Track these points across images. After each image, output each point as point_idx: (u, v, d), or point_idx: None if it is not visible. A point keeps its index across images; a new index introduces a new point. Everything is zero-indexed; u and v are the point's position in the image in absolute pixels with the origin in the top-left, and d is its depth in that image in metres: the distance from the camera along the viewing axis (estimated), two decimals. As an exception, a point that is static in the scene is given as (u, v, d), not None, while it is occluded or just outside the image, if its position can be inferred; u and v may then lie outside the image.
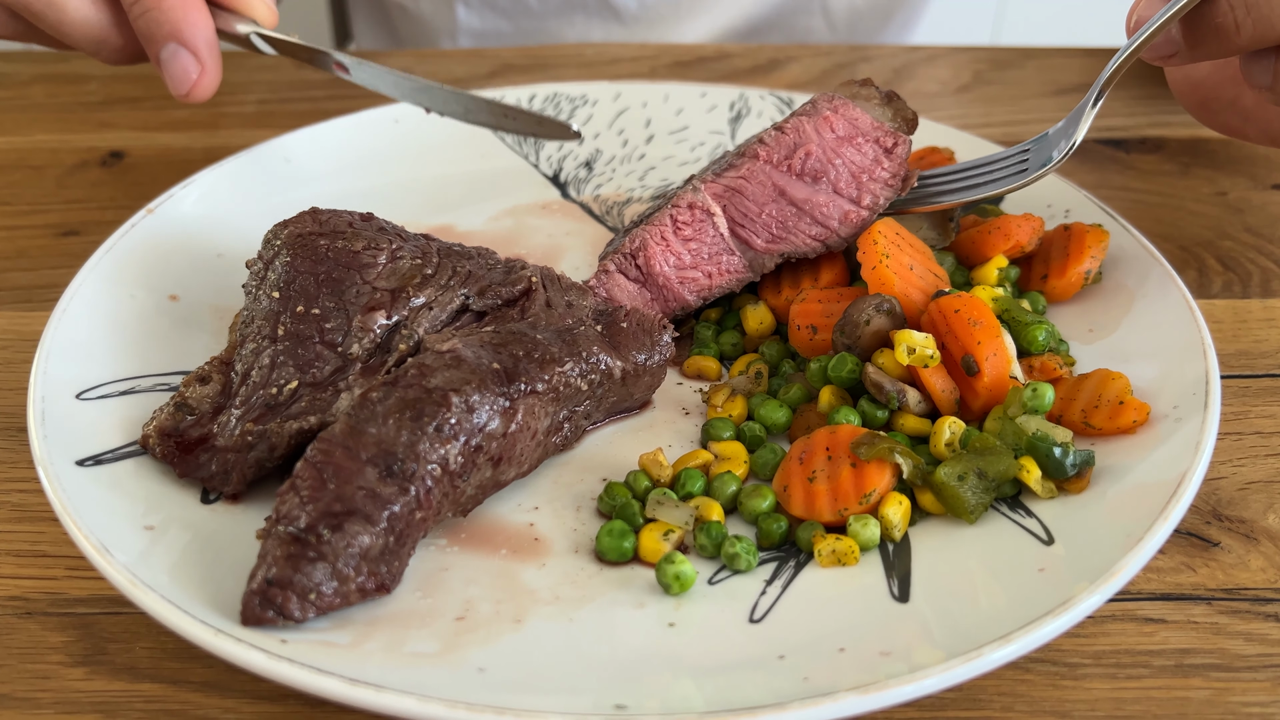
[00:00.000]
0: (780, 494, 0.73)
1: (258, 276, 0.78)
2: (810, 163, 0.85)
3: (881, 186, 0.85)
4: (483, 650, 0.63)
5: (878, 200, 0.85)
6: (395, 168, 1.05)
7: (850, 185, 0.85)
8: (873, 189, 0.85)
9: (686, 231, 0.86)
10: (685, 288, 0.86)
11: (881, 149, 0.86)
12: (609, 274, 0.86)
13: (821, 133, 0.85)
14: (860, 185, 0.85)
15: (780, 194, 0.85)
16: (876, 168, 0.85)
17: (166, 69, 0.88)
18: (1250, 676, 0.66)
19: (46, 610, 0.70)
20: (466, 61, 1.32)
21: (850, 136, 0.86)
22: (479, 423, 0.67)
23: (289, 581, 0.61)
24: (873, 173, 0.85)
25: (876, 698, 0.57)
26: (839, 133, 0.85)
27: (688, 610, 0.66)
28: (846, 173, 0.85)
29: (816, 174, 0.85)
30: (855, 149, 0.85)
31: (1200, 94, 0.96)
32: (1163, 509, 0.66)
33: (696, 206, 0.86)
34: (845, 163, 0.85)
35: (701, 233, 0.86)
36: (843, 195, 0.85)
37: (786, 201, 0.85)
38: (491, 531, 0.72)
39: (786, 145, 0.86)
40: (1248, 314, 0.93)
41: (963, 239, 0.88)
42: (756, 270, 0.87)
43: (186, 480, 0.72)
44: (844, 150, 0.85)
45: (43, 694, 0.65)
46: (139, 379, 0.79)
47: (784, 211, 0.85)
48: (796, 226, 0.85)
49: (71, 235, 1.04)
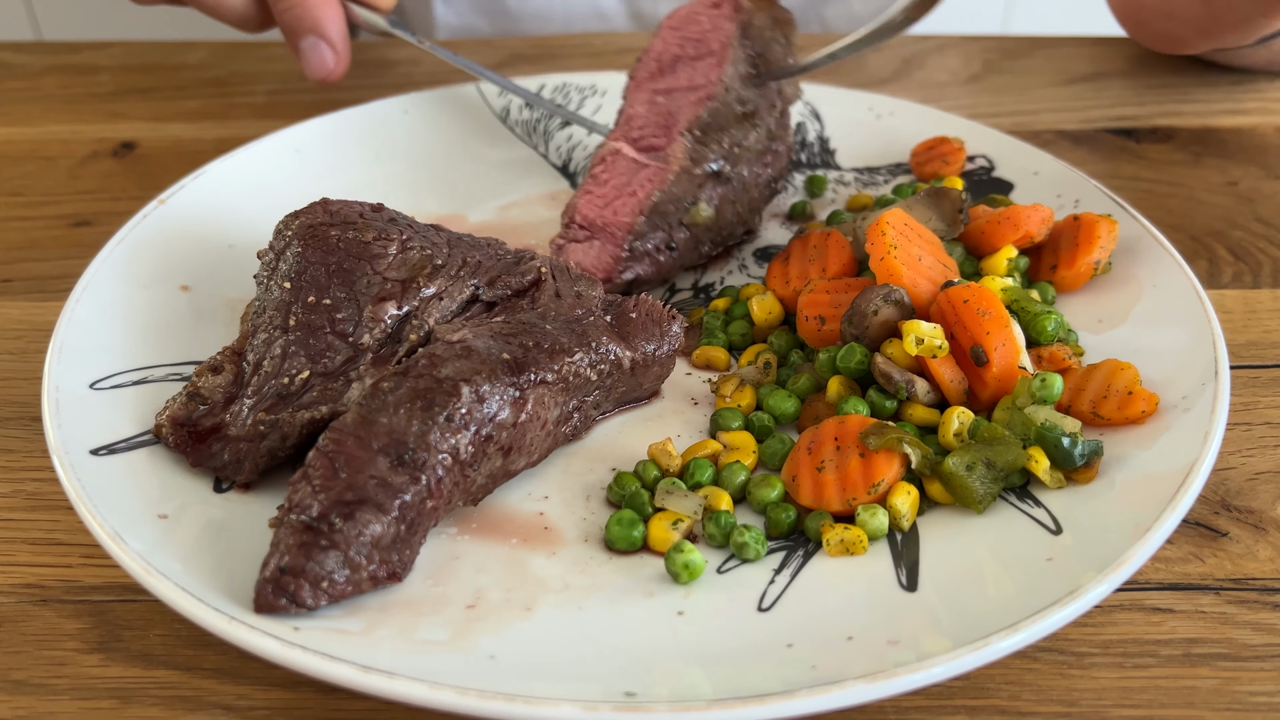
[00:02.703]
0: (789, 483, 0.73)
1: (269, 267, 0.79)
2: (664, 59, 0.95)
3: (719, 26, 0.95)
4: (493, 638, 0.63)
5: (722, 36, 0.94)
6: (405, 158, 1.05)
7: (699, 48, 0.95)
8: (715, 34, 0.94)
9: (603, 175, 0.91)
10: (619, 214, 0.89)
11: (710, 7, 0.96)
12: (562, 248, 0.89)
13: (664, 36, 0.96)
14: (705, 41, 0.95)
15: (654, 95, 0.94)
16: (714, 21, 0.95)
17: (306, 58, 1.02)
18: (1258, 666, 0.66)
19: (62, 598, 0.70)
20: (478, 52, 1.32)
21: (684, 22, 0.96)
22: (489, 412, 0.68)
23: (301, 569, 0.62)
24: (708, 26, 0.95)
25: (884, 686, 0.58)
26: (675, 25, 0.97)
27: (697, 599, 0.67)
28: (691, 44, 0.95)
29: (673, 63, 0.95)
30: (692, 26, 0.96)
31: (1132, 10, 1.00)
32: (1171, 499, 0.66)
33: (605, 155, 0.92)
34: (687, 39, 0.95)
35: (615, 167, 0.91)
36: (698, 58, 0.94)
37: (661, 96, 0.94)
38: (502, 520, 0.72)
39: (646, 64, 0.96)
40: (1258, 304, 0.93)
41: (971, 229, 0.88)
42: (673, 163, 0.90)
43: (199, 469, 0.72)
44: (683, 32, 0.96)
45: (58, 680, 0.66)
46: (151, 369, 0.80)
47: (661, 104, 0.93)
48: (676, 105, 0.93)
49: (84, 226, 1.04)
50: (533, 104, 1.08)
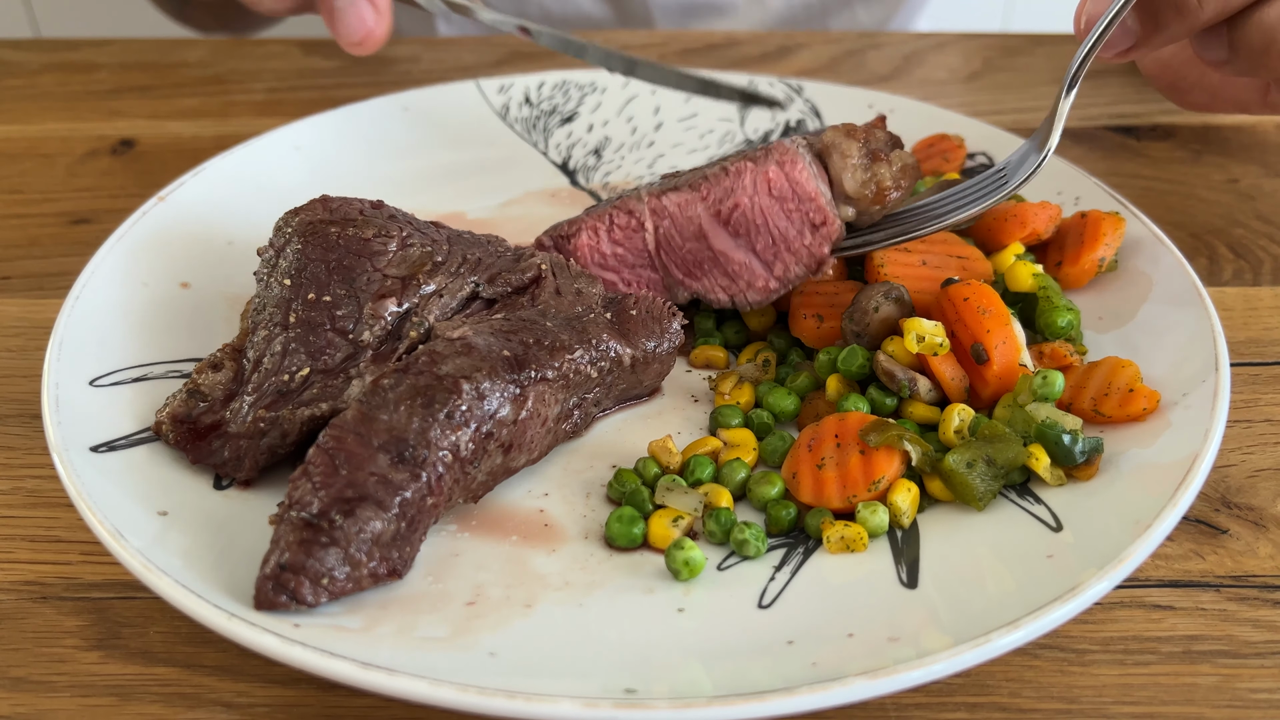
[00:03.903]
0: (789, 481, 0.73)
1: (269, 264, 0.79)
2: (736, 215, 0.82)
3: (795, 262, 0.81)
4: (493, 635, 0.63)
5: (788, 273, 0.82)
6: (405, 155, 1.05)
7: (768, 250, 0.82)
8: (787, 261, 0.81)
9: (617, 234, 0.85)
10: (606, 280, 0.85)
11: (809, 224, 0.81)
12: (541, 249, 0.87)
13: (758, 187, 0.81)
14: (777, 254, 0.81)
15: (702, 236, 0.83)
16: (798, 241, 0.81)
17: (341, 17, 0.90)
18: (1258, 663, 0.66)
19: (61, 595, 0.70)
20: (477, 49, 1.32)
21: (783, 199, 0.81)
22: (490, 409, 0.68)
23: (302, 566, 0.62)
24: (792, 244, 0.81)
25: (885, 683, 0.58)
26: (775, 193, 0.81)
27: (697, 596, 0.67)
28: (768, 237, 0.81)
29: (739, 228, 0.82)
30: (784, 215, 0.81)
31: (1169, 75, 0.96)
32: (1171, 496, 0.66)
33: (634, 214, 0.85)
34: (770, 226, 0.81)
35: (630, 240, 0.85)
36: (759, 258, 0.82)
37: (705, 246, 0.83)
38: (502, 518, 0.72)
39: (722, 190, 0.82)
40: (1258, 301, 0.93)
41: (979, 226, 0.88)
42: (672, 295, 0.86)
43: (199, 466, 0.72)
44: (773, 213, 0.81)
45: (58, 677, 0.66)
46: (151, 366, 0.79)
47: (701, 254, 0.83)
48: (710, 272, 0.83)
49: (82, 223, 1.04)
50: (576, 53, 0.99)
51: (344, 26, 0.91)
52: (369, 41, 0.92)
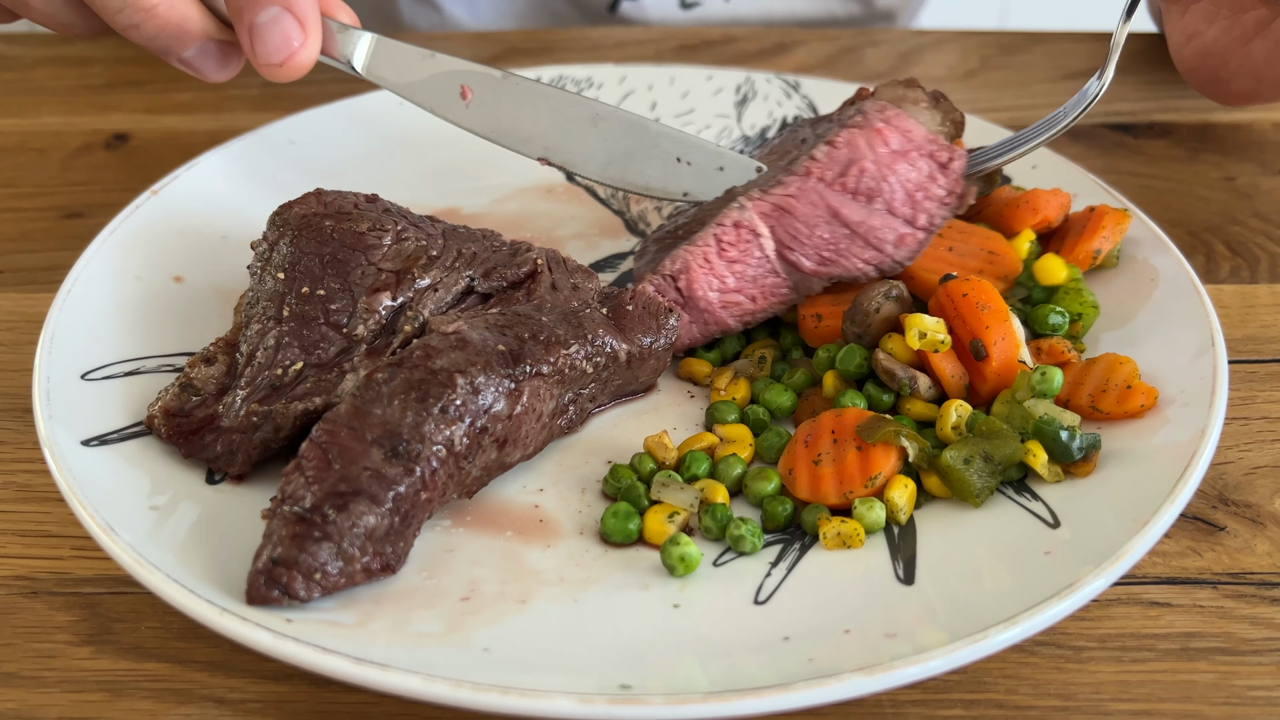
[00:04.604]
0: (785, 477, 0.73)
1: (262, 257, 0.78)
2: (865, 180, 0.79)
3: (937, 205, 0.79)
4: (488, 630, 0.63)
5: (934, 220, 0.80)
6: (400, 150, 1.05)
7: (905, 204, 0.79)
8: (929, 208, 0.79)
9: (731, 253, 0.80)
10: (727, 311, 0.81)
11: (936, 164, 0.80)
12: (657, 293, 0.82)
13: (875, 147, 0.79)
14: (915, 204, 0.79)
15: (833, 215, 0.79)
16: (932, 184, 0.80)
17: (262, 36, 0.75)
18: (1256, 661, 0.66)
19: (52, 590, 0.70)
20: (472, 45, 1.31)
21: (904, 151, 0.79)
22: (484, 404, 0.67)
23: (294, 561, 0.61)
24: (928, 190, 0.79)
25: (881, 679, 0.57)
26: (893, 146, 0.79)
27: (692, 592, 0.66)
28: (901, 191, 0.79)
29: (871, 193, 0.79)
30: (910, 164, 0.79)
31: (1210, 65, 0.94)
32: (1169, 493, 0.66)
33: (743, 226, 0.80)
34: (900, 180, 0.79)
35: (747, 254, 0.80)
36: (897, 215, 0.79)
37: (840, 223, 0.79)
38: (497, 513, 0.72)
39: (840, 161, 0.79)
40: (1255, 299, 0.93)
41: (990, 212, 0.88)
42: (802, 293, 0.81)
43: (191, 461, 0.72)
44: (898, 166, 0.79)
45: (48, 673, 0.65)
46: (143, 360, 0.79)
47: (836, 233, 0.79)
48: (849, 249, 0.79)
49: (76, 218, 1.03)
50: None
51: (263, 46, 0.75)
52: (291, 65, 0.76)
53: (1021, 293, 0.83)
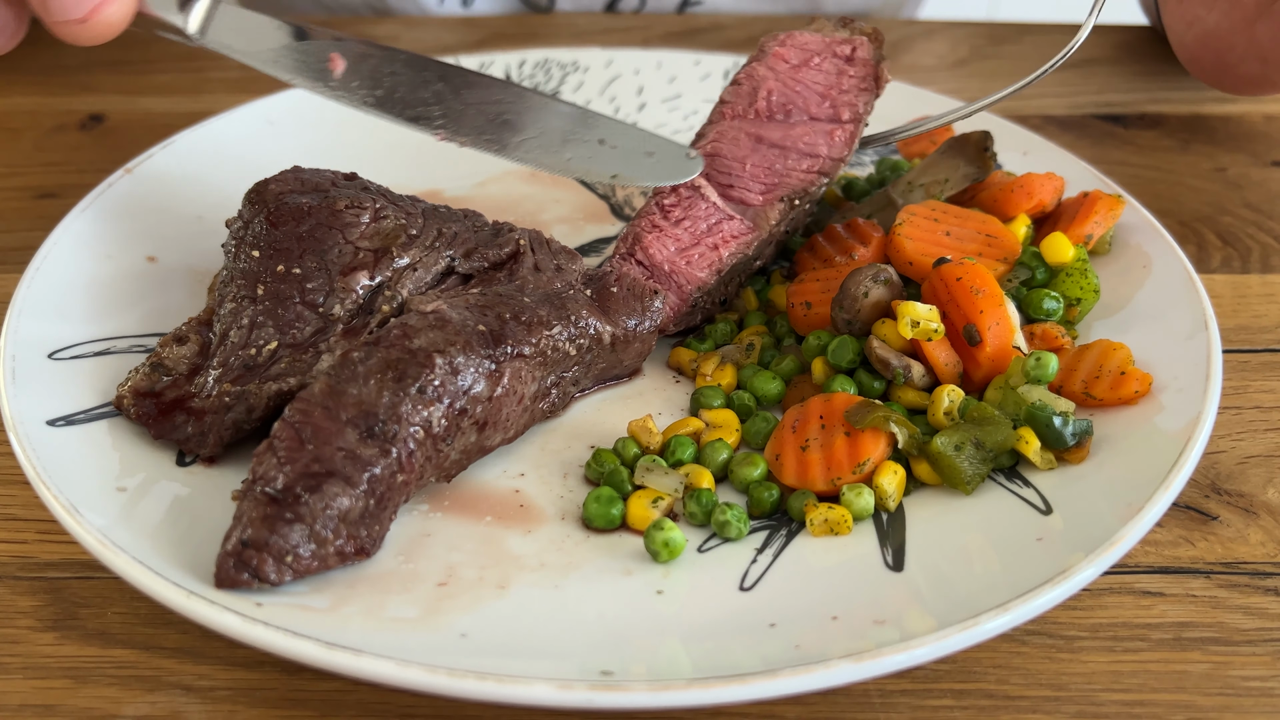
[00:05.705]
0: (772, 462, 0.71)
1: (237, 235, 0.76)
2: (774, 100, 0.83)
3: (855, 94, 0.83)
4: (466, 615, 0.61)
5: (857, 108, 0.83)
6: (381, 132, 1.02)
7: (823, 106, 0.83)
8: (848, 99, 0.82)
9: (676, 212, 0.82)
10: (694, 266, 0.81)
11: (841, 59, 0.83)
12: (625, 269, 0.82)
13: (775, 68, 0.83)
14: (834, 101, 0.82)
15: (758, 141, 0.83)
16: (843, 78, 0.83)
17: None
18: (1249, 650, 0.64)
19: (16, 574, 0.68)
20: (456, 29, 1.29)
21: (805, 60, 0.84)
22: (463, 385, 0.66)
23: (265, 543, 0.59)
24: (841, 85, 0.83)
25: (869, 666, 0.56)
26: (792, 61, 0.84)
27: (676, 578, 0.65)
28: (815, 95, 0.83)
29: (785, 108, 0.83)
30: (814, 70, 0.83)
31: (1214, 51, 0.92)
32: (1162, 480, 0.65)
33: (682, 188, 0.82)
34: (808, 86, 0.83)
35: (693, 209, 0.82)
36: (819, 119, 0.82)
37: (766, 146, 0.82)
38: (476, 497, 0.70)
39: (746, 93, 0.83)
40: (1247, 289, 0.92)
41: (984, 197, 0.86)
42: (762, 226, 0.82)
43: (161, 442, 0.70)
44: (803, 75, 0.83)
45: (11, 659, 0.63)
46: (114, 340, 0.77)
47: (768, 157, 0.82)
48: (786, 167, 0.82)
49: (49, 198, 1.01)
50: None
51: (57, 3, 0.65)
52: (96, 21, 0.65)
53: (1024, 274, 0.81)
